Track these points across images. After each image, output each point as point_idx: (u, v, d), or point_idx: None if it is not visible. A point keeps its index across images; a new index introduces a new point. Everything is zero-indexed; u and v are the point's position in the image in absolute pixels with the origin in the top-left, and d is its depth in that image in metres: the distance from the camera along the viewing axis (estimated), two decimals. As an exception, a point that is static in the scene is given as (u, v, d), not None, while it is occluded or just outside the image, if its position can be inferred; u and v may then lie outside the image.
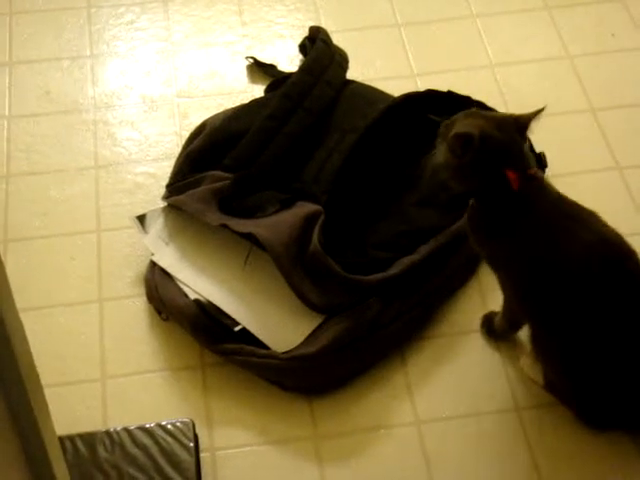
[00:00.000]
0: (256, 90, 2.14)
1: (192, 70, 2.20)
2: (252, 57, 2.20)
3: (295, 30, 2.27)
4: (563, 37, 2.25)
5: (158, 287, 1.76)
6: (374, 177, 1.85)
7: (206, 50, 2.25)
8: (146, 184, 1.98)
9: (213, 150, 1.89)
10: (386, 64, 2.20)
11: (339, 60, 2.07)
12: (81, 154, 2.04)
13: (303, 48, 2.19)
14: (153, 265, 1.80)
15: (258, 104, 1.99)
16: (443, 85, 1.99)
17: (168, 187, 1.88)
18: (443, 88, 1.98)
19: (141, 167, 2.02)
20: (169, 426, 1.59)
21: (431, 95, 1.96)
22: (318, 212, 1.75)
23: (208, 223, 1.78)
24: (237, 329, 1.68)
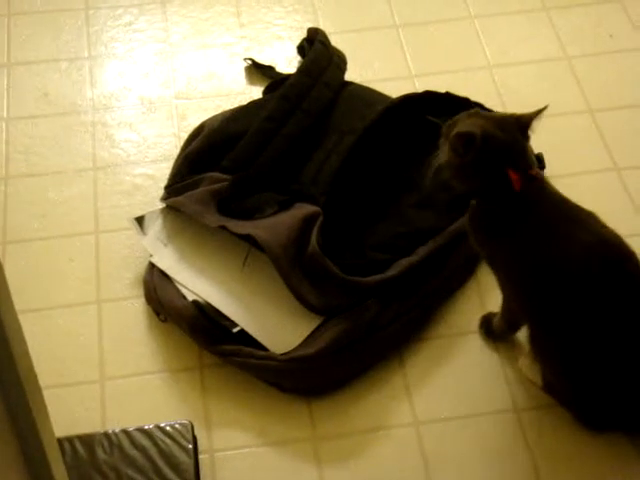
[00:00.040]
0: (254, 92, 2.14)
1: (190, 71, 2.20)
2: (250, 59, 2.20)
3: (293, 32, 2.27)
4: (561, 38, 2.25)
5: (157, 288, 1.76)
6: (372, 178, 1.85)
7: (204, 51, 2.24)
8: (144, 185, 1.98)
9: (211, 152, 1.89)
10: (384, 65, 2.20)
11: (337, 62, 2.07)
12: (79, 156, 2.04)
13: (301, 49, 2.19)
14: (152, 266, 1.80)
15: (256, 106, 1.99)
16: (441, 86, 1.99)
17: (166, 188, 1.88)
18: (441, 89, 1.98)
19: (139, 168, 2.02)
20: (168, 428, 1.59)
21: (429, 96, 1.96)
22: (316, 213, 1.75)
23: (207, 224, 1.78)
24: (235, 330, 1.68)
